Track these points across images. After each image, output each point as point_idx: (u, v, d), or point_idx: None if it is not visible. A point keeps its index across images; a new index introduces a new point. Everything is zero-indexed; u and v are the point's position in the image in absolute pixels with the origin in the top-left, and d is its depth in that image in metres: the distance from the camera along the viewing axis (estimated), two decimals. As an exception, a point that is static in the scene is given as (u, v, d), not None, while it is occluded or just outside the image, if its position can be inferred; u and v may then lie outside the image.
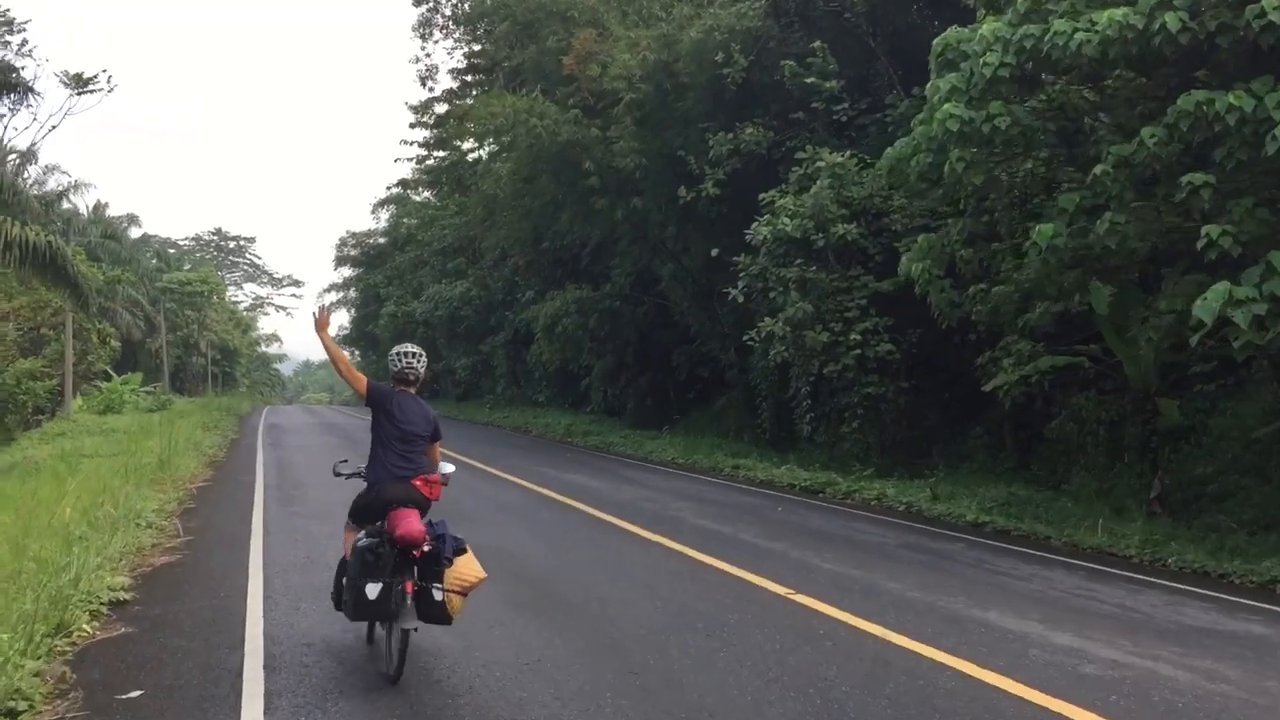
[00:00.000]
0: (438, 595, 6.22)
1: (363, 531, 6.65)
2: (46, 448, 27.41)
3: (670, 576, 9.35)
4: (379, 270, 66.70)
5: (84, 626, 6.99)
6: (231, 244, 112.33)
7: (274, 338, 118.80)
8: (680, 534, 11.57)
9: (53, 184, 47.22)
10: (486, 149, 50.43)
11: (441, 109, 46.70)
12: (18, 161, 45.61)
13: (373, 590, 6.11)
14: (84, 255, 38.57)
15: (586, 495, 15.47)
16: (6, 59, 22.10)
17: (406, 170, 63.99)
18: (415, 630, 6.22)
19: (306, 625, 7.49)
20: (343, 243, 75.87)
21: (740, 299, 21.45)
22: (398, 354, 7.04)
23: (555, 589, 8.82)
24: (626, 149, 25.24)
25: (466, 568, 6.43)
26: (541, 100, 25.49)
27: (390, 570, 6.17)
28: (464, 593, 6.42)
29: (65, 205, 47.60)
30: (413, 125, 51.65)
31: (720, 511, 13.81)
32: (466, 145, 53.71)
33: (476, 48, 41.33)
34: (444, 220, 52.86)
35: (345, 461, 7.35)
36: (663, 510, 13.87)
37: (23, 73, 21.94)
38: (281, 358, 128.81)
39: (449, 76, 46.00)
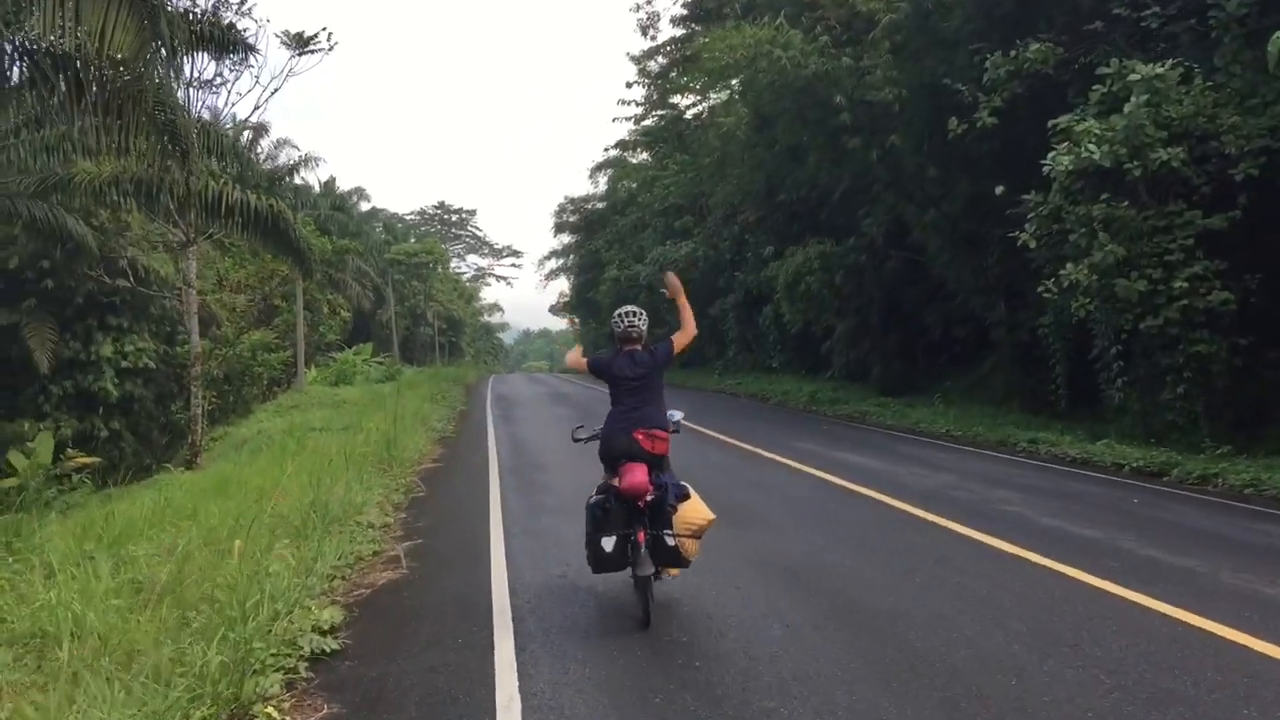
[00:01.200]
0: (670, 541, 6.53)
1: (595, 489, 6.95)
2: (280, 421, 26.90)
3: (1049, 607, 6.58)
4: (599, 235, 65.44)
5: (269, 711, 4.85)
6: (454, 217, 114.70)
7: (496, 307, 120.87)
8: (1029, 538, 8.75)
9: (284, 158, 47.95)
10: (710, 100, 48.33)
11: (662, 61, 44.39)
12: (250, 136, 46.37)
13: (608, 543, 6.50)
14: (313, 226, 38.50)
15: (872, 479, 12.78)
16: (227, 18, 20.99)
17: (624, 131, 62.19)
18: (656, 576, 6.60)
19: (576, 697, 5.17)
20: (561, 209, 75.26)
21: (1031, 244, 18.11)
22: (619, 315, 7.39)
23: (888, 624, 6.24)
24: (883, 79, 22.17)
25: (693, 512, 6.69)
26: (785, 28, 22.67)
27: (623, 523, 6.52)
28: (696, 535, 6.67)
29: (296, 180, 48.34)
30: (629, 84, 49.99)
31: (1058, 504, 10.84)
32: (686, 101, 51.70)
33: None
34: (665, 179, 50.82)
35: (582, 427, 7.65)
36: (982, 501, 11.03)
37: (243, 32, 20.74)
38: (503, 327, 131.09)
39: (670, 25, 43.80)
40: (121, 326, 31.42)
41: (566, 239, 77.52)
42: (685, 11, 41.61)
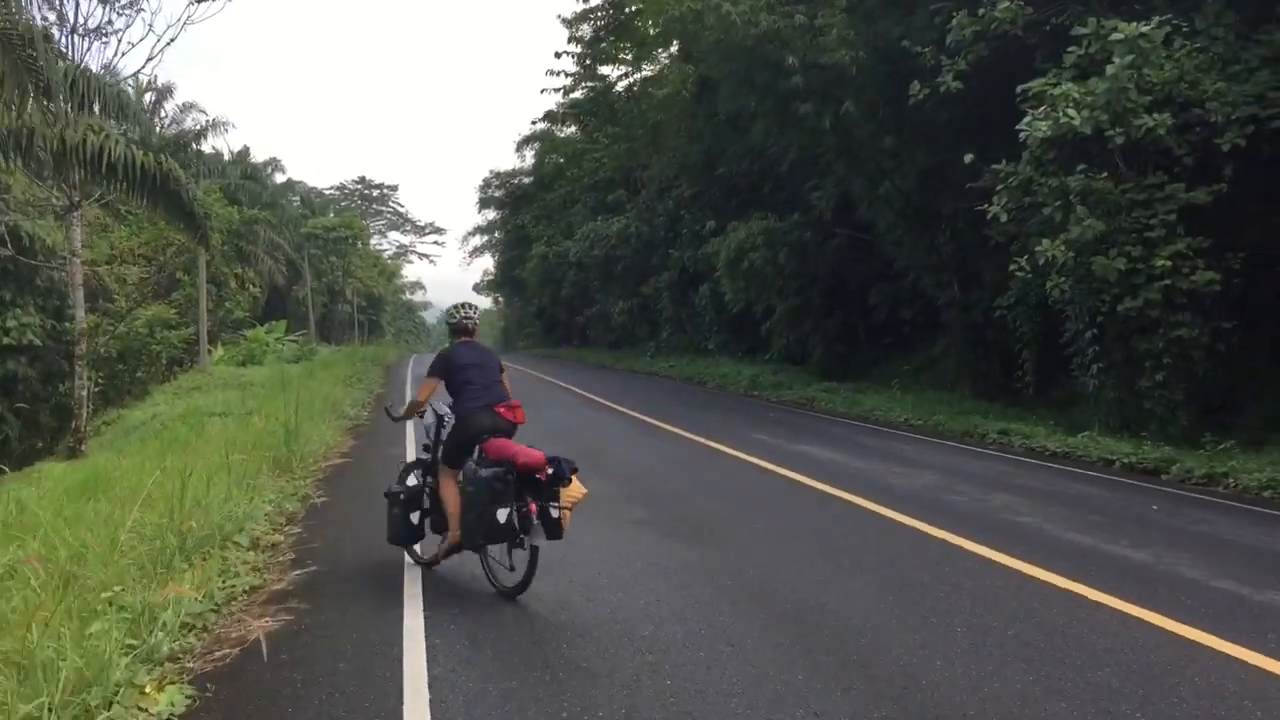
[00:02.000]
0: (555, 513, 6.59)
1: (470, 463, 6.94)
2: (179, 404, 24.69)
3: (1167, 685, 5.00)
4: (526, 211, 63.28)
5: None
6: (375, 192, 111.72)
7: (418, 285, 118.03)
8: (1072, 565, 7.18)
9: (190, 123, 45.07)
10: (643, 71, 46.51)
11: (596, 24, 42.39)
12: (153, 98, 43.46)
13: (503, 515, 6.57)
14: (219, 194, 35.89)
15: (851, 480, 11.19)
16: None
17: (552, 103, 59.94)
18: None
19: None
20: (486, 184, 72.81)
21: (1003, 216, 16.66)
22: (456, 307, 7.74)
23: (914, 687, 4.59)
24: (838, 40, 20.55)
25: (576, 487, 6.77)
26: (737, -21, 20.94)
27: (516, 496, 6.62)
28: (571, 508, 6.74)
29: (205, 147, 45.49)
30: (558, 54, 47.84)
31: (1071, 513, 9.31)
32: (617, 73, 49.76)
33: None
34: (595, 153, 48.88)
35: (392, 405, 8.41)
36: (987, 510, 9.48)
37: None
38: (426, 305, 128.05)
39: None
40: (2, 299, 28.77)
41: (492, 214, 75.12)
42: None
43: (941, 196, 22.89)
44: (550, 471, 6.62)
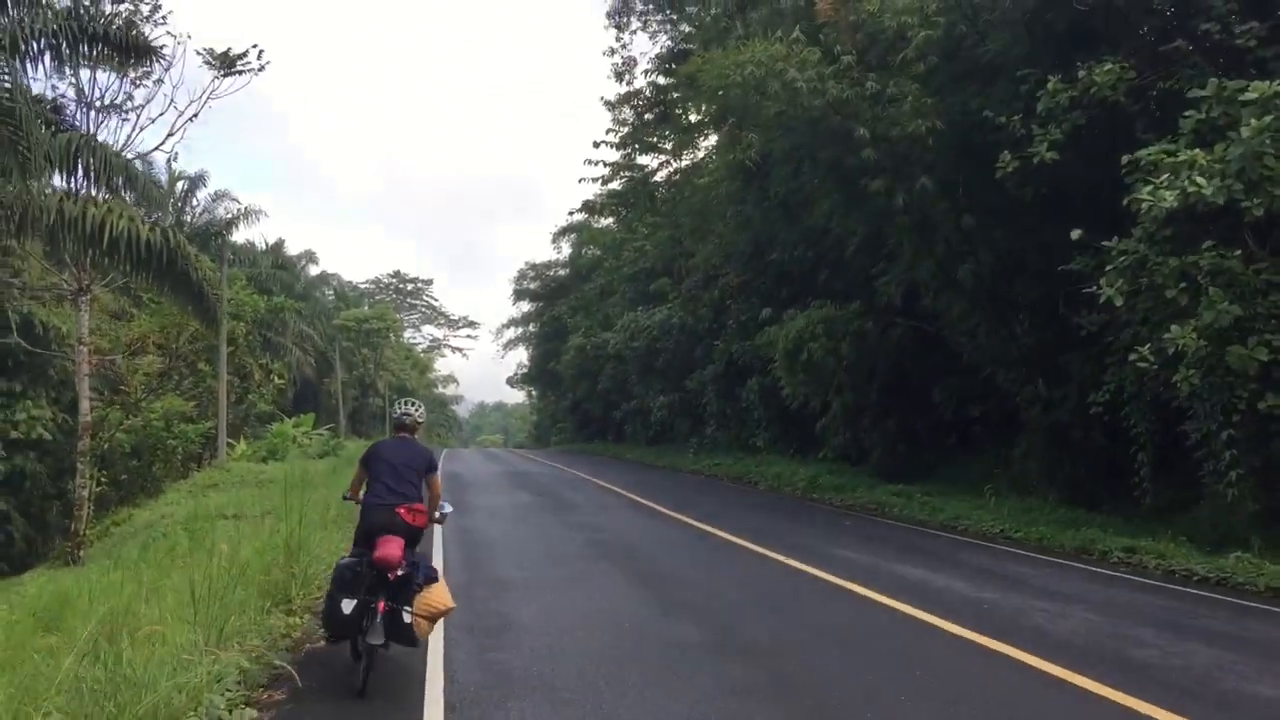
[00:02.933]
0: (406, 618, 6.59)
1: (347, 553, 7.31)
2: (192, 504, 22.79)
3: None
4: (562, 302, 61.78)
5: None
6: (409, 286, 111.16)
7: (450, 379, 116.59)
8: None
9: (222, 211, 44.08)
10: (684, 160, 45.17)
11: (638, 109, 41.15)
12: (185, 186, 42.52)
13: (348, 605, 6.48)
14: (244, 283, 34.42)
15: (979, 616, 8.93)
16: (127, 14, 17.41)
17: (590, 192, 58.70)
18: (384, 648, 6.63)
19: None
20: (522, 275, 71.61)
21: (1118, 300, 14.54)
22: (398, 403, 8.17)
23: None
24: (912, 110, 18.74)
25: (436, 596, 6.89)
26: (803, 42, 19.17)
27: (366, 589, 6.54)
28: (431, 619, 6.88)
29: (236, 237, 44.49)
30: (597, 144, 46.54)
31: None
32: (656, 162, 48.55)
33: (685, 29, 35.55)
34: (634, 242, 47.36)
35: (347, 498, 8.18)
36: (1188, 668, 7.22)
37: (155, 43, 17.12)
38: (458, 399, 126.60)
39: (644, 76, 40.48)
40: (12, 391, 27.09)
41: (527, 307, 73.76)
42: (668, 47, 38.08)
43: (1021, 282, 20.87)
44: (401, 573, 6.67)
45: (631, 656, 7.36)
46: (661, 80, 38.52)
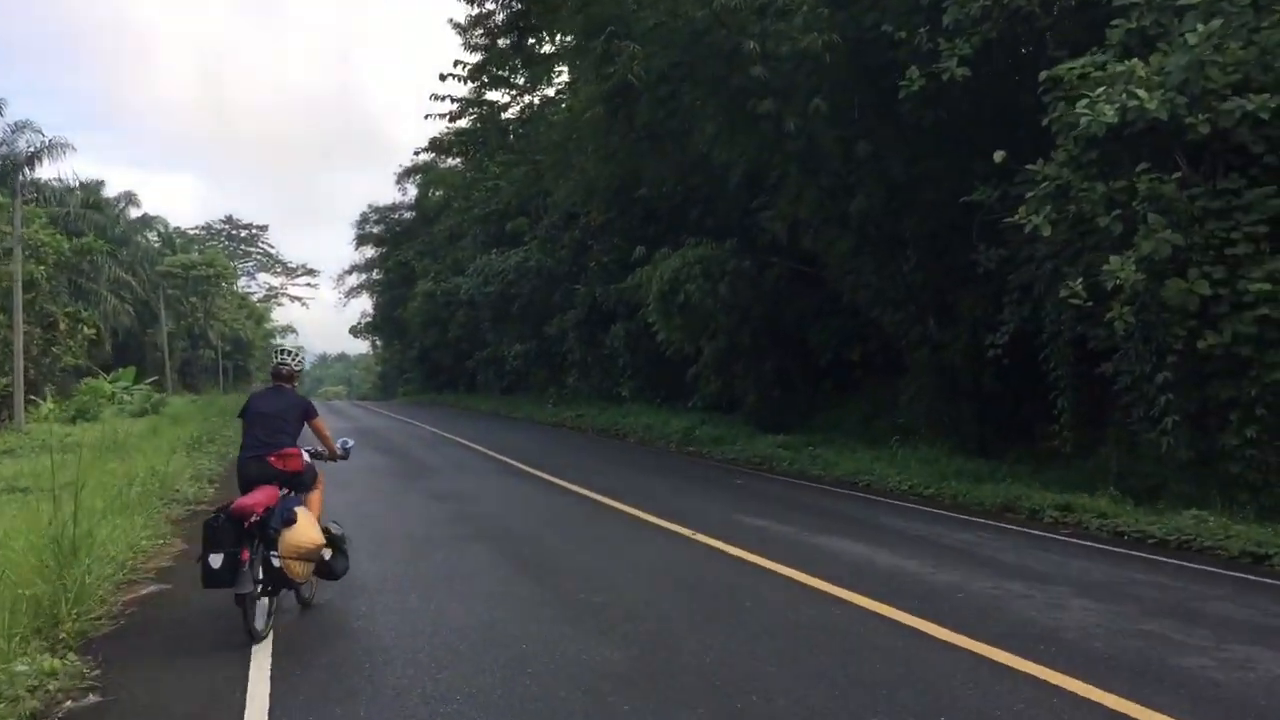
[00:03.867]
0: (275, 562, 6.70)
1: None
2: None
3: None
4: (408, 246, 58.44)
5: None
6: (243, 232, 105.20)
7: (289, 329, 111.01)
8: None
9: (23, 144, 39.39)
10: (540, 92, 42.54)
11: (488, 39, 38.14)
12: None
13: (215, 560, 6.49)
14: (43, 220, 30.35)
15: (960, 611, 7.17)
16: None
17: (437, 129, 55.12)
18: (271, 592, 6.87)
19: None
20: (364, 219, 67.69)
21: (1045, 229, 13.06)
22: (273, 350, 8.38)
23: None
24: (806, 23, 16.88)
25: (299, 535, 6.84)
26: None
27: (232, 542, 6.53)
28: (304, 559, 6.91)
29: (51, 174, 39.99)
30: (443, 77, 43.32)
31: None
32: (507, 98, 45.70)
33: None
34: (485, 183, 44.55)
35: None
36: (1196, 670, 5.64)
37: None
38: (298, 350, 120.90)
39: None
40: None
41: (370, 252, 69.91)
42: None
43: (912, 216, 19.44)
44: (256, 518, 6.70)
45: (546, 703, 5.27)
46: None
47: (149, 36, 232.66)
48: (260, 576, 6.70)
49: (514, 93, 45.50)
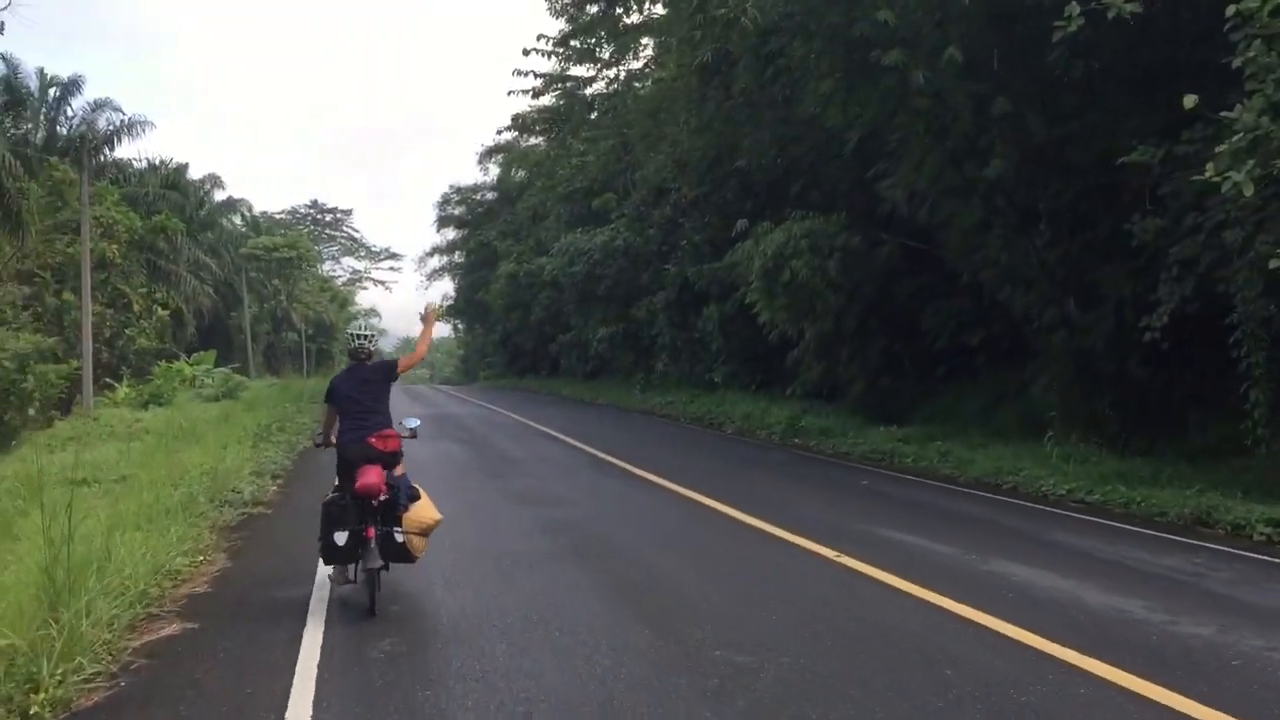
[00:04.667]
0: (399, 538, 7.07)
1: (331, 488, 7.50)
2: (36, 464, 18.40)
3: None
4: (489, 227, 57.10)
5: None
6: (328, 216, 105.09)
7: (373, 313, 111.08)
8: None
9: (103, 123, 38.65)
10: (627, 65, 40.82)
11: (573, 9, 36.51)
12: (57, 94, 37.12)
13: (340, 538, 6.93)
14: (116, 197, 29.35)
15: (1224, 688, 5.28)
16: None
17: (520, 106, 53.55)
18: (383, 568, 7.00)
19: None
20: (445, 200, 66.57)
21: (1247, 189, 10.86)
22: (350, 334, 8.11)
23: None
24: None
25: (422, 512, 7.25)
26: None
27: (355, 519, 6.90)
28: (423, 534, 7.23)
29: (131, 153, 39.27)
30: (527, 52, 41.85)
31: None
32: (591, 73, 44.06)
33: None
34: (570, 159, 42.90)
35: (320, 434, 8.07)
36: None
37: None
38: (382, 333, 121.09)
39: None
40: None
41: (452, 234, 68.80)
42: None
43: (1052, 183, 17.29)
44: (384, 498, 7.00)
45: None
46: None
47: (236, 25, 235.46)
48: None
49: (598, 66, 43.92)
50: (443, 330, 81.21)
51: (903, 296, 22.90)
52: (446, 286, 76.61)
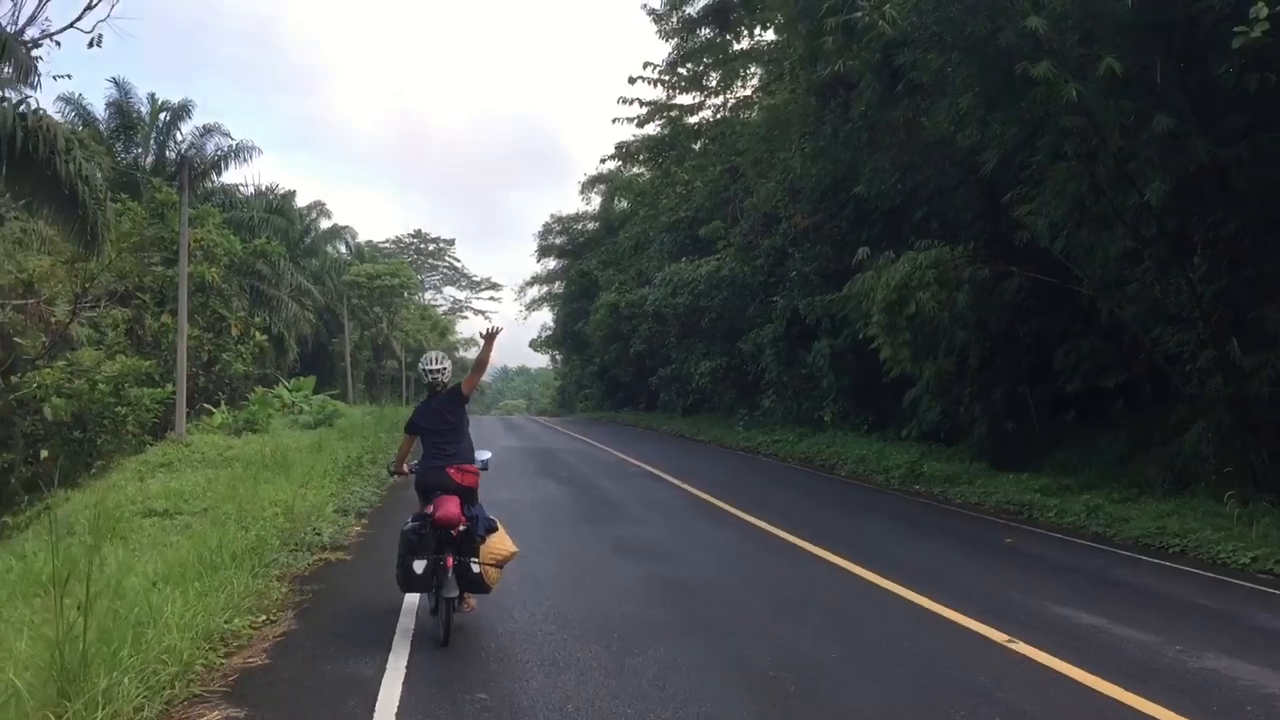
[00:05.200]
0: (475, 568, 7.15)
1: (410, 517, 7.55)
2: (128, 490, 17.87)
3: None
4: (590, 256, 56.43)
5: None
6: (431, 246, 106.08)
7: (472, 342, 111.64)
8: None
9: (212, 148, 38.97)
10: (734, 92, 39.90)
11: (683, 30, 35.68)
12: (168, 119, 37.46)
13: (419, 566, 7.11)
14: (218, 219, 29.17)
15: None
16: None
17: (624, 134, 52.80)
18: (460, 599, 7.15)
19: None
20: (547, 229, 66.13)
21: None
22: (422, 369, 8.11)
23: None
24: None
25: (499, 544, 7.37)
26: None
27: (433, 549, 7.11)
28: (499, 565, 7.36)
29: (229, 179, 39.61)
30: (633, 80, 41.27)
31: None
32: (695, 100, 43.12)
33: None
34: (673, 187, 41.97)
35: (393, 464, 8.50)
36: None
37: None
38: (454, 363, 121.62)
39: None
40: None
41: (552, 264, 68.36)
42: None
43: (1216, 208, 15.58)
44: (463, 529, 7.13)
45: None
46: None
47: (341, 60, 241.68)
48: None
49: (704, 94, 43.05)
50: (541, 360, 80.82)
51: (1031, 334, 21.20)
52: (545, 317, 76.36)
